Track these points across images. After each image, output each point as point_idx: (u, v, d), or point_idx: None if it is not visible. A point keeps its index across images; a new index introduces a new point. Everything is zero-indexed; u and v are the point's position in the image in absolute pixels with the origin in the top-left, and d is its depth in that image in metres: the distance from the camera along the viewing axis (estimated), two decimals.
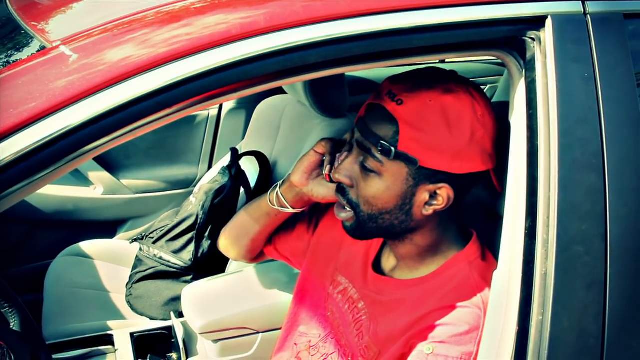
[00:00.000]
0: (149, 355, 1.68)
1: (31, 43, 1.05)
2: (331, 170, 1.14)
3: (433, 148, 0.99)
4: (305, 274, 1.32)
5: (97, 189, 2.46)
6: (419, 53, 0.96)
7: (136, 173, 2.53)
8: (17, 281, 2.09)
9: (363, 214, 1.06)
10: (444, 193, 1.02)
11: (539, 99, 0.95)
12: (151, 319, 1.90)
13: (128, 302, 1.96)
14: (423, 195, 1.03)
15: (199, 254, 1.91)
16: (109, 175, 2.46)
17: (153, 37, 0.89)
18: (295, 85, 1.78)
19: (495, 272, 1.00)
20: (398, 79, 1.05)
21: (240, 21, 0.88)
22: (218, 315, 1.59)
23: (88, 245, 2.17)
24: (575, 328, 0.95)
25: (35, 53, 0.95)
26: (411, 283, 1.11)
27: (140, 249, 2.01)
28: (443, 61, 2.88)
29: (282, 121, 2.04)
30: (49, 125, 0.79)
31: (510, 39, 0.98)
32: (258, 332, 1.62)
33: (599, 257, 0.96)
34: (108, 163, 2.49)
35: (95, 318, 1.87)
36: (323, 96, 1.74)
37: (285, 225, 1.35)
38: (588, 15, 0.98)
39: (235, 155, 1.96)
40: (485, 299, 1.02)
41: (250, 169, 2.01)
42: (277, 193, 1.25)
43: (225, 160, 2.08)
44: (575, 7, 0.98)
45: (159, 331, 1.75)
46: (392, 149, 0.99)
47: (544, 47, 0.96)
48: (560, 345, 0.95)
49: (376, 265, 1.20)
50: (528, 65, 0.97)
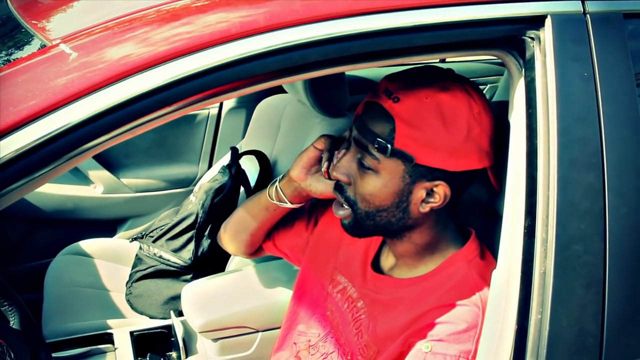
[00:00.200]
0: (149, 354, 1.68)
1: (31, 41, 1.05)
2: (329, 167, 1.14)
3: (429, 145, 0.99)
4: (304, 273, 1.33)
5: (97, 187, 2.46)
6: (418, 52, 0.96)
7: (136, 172, 2.53)
8: (17, 280, 2.08)
9: (360, 211, 1.07)
10: (441, 190, 1.02)
11: (538, 98, 0.95)
12: (151, 318, 1.90)
13: (128, 301, 1.96)
14: (420, 192, 1.03)
15: (199, 252, 1.91)
16: (109, 174, 2.46)
17: (153, 36, 0.89)
18: (295, 85, 1.78)
19: (494, 271, 1.00)
20: (395, 77, 1.05)
21: (240, 20, 0.88)
22: (218, 314, 1.59)
23: (88, 244, 2.18)
24: (574, 327, 0.96)
25: (35, 51, 0.95)
26: (410, 282, 1.11)
27: (140, 248, 2.01)
28: (443, 60, 2.88)
29: (282, 120, 2.04)
30: (48, 123, 0.79)
31: (509, 38, 0.98)
32: (258, 331, 1.62)
33: (598, 256, 0.96)
34: (108, 162, 2.49)
35: (95, 317, 1.87)
36: (323, 95, 1.74)
37: (284, 221, 1.36)
38: (587, 15, 0.98)
39: (236, 154, 1.97)
40: (484, 298, 1.02)
41: (250, 168, 2.01)
42: (276, 187, 1.25)
43: (226, 159, 2.08)
44: (574, 7, 0.98)
45: (159, 330, 1.75)
46: (389, 146, 0.99)
47: (543, 47, 0.96)
48: (559, 344, 0.95)
49: (375, 264, 1.20)
50: (527, 65, 0.97)
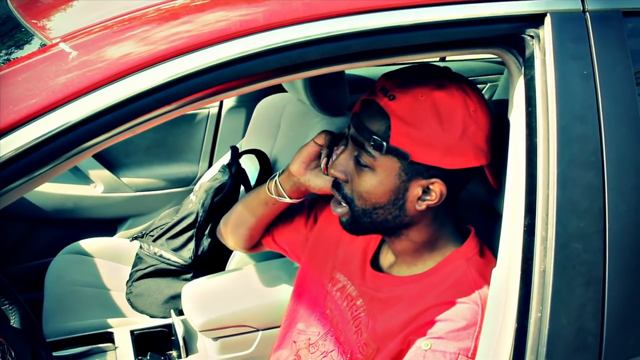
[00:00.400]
0: (149, 353, 1.68)
1: (31, 40, 1.05)
2: (328, 162, 1.14)
3: (424, 143, 0.99)
4: (304, 272, 1.33)
5: (98, 187, 2.46)
6: (418, 51, 0.96)
7: (136, 171, 2.53)
8: (18, 279, 2.09)
9: (357, 208, 1.07)
10: (437, 188, 1.02)
11: (537, 97, 0.95)
12: (151, 317, 1.90)
13: (128, 300, 1.96)
14: (416, 190, 1.03)
15: (199, 252, 1.91)
16: (110, 174, 2.46)
17: (153, 34, 0.89)
18: (295, 84, 1.78)
19: (494, 270, 1.00)
20: (392, 75, 1.05)
21: (239, 18, 0.88)
22: (218, 313, 1.59)
23: (88, 243, 2.18)
24: (573, 325, 0.96)
25: (35, 50, 0.95)
26: (409, 280, 1.11)
27: (141, 247, 2.01)
28: (443, 59, 2.88)
29: (282, 119, 2.04)
30: (48, 122, 0.79)
31: (509, 36, 0.98)
32: (258, 330, 1.62)
33: (598, 255, 0.96)
34: (108, 161, 2.49)
35: (96, 316, 1.87)
36: (323, 94, 1.74)
37: (283, 217, 1.36)
38: (587, 13, 0.98)
39: (236, 154, 1.97)
40: (483, 295, 1.02)
41: (250, 167, 2.01)
42: (276, 182, 1.26)
43: (226, 158, 2.08)
44: (574, 5, 0.98)
45: (159, 329, 1.75)
46: (384, 144, 1.00)
47: (542, 45, 0.96)
48: (558, 342, 0.95)
49: (374, 262, 1.20)
50: (527, 63, 0.97)
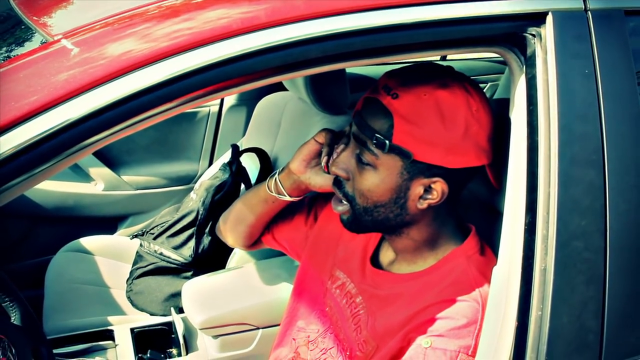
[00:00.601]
0: (149, 351, 1.68)
1: (33, 37, 1.05)
2: (329, 161, 1.14)
3: (427, 142, 0.99)
4: (304, 269, 1.33)
5: (98, 185, 2.46)
6: (419, 49, 0.96)
7: (137, 169, 2.53)
8: (18, 277, 2.08)
9: (359, 206, 1.07)
10: (439, 187, 1.02)
11: (539, 95, 0.95)
12: (151, 315, 1.90)
13: (128, 298, 1.96)
14: (418, 189, 1.03)
15: (200, 250, 1.91)
16: (110, 172, 2.46)
17: (154, 31, 0.89)
18: (296, 82, 1.78)
19: (494, 268, 1.00)
20: (394, 73, 1.05)
21: (241, 16, 0.88)
22: (218, 311, 1.59)
23: (89, 241, 2.18)
24: (574, 323, 0.96)
25: (36, 47, 0.95)
26: (409, 277, 1.11)
27: (141, 245, 2.02)
28: (444, 58, 2.88)
29: (283, 118, 2.04)
30: (50, 119, 0.79)
31: (510, 35, 0.98)
32: (258, 328, 1.62)
33: (599, 253, 0.96)
34: (109, 159, 2.49)
35: (96, 313, 1.87)
36: (324, 93, 1.74)
37: (283, 215, 1.36)
38: (589, 12, 0.98)
39: (236, 152, 1.97)
40: (484, 293, 1.02)
41: (251, 165, 2.01)
42: (276, 180, 1.26)
43: (226, 156, 2.09)
44: (575, 4, 0.98)
45: (159, 327, 1.75)
46: (387, 142, 1.00)
47: (544, 44, 0.96)
48: (559, 340, 0.95)
49: (374, 259, 1.20)
50: (528, 62, 0.97)
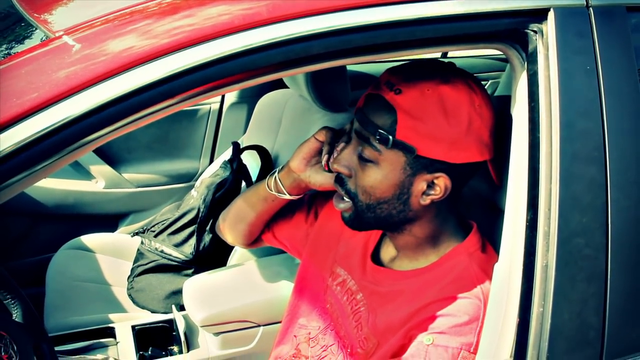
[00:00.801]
0: (150, 348, 1.68)
1: (34, 34, 1.05)
2: (329, 159, 1.14)
3: (430, 137, 0.99)
4: (305, 266, 1.33)
5: (99, 182, 2.46)
6: (421, 45, 0.96)
7: (138, 167, 2.53)
8: (19, 274, 2.08)
9: (361, 203, 1.07)
10: (442, 183, 1.02)
11: (540, 92, 0.95)
12: (152, 312, 1.90)
13: (129, 295, 1.97)
14: (420, 184, 1.03)
15: (200, 247, 1.91)
16: (111, 169, 2.46)
17: (155, 28, 0.89)
18: (296, 79, 1.78)
19: (496, 265, 1.00)
20: (397, 70, 1.05)
21: (242, 12, 0.88)
22: (219, 309, 1.59)
23: (90, 239, 2.18)
24: (575, 320, 0.96)
25: (38, 43, 0.95)
26: (410, 274, 1.11)
27: (142, 243, 2.02)
28: (445, 55, 2.87)
29: (284, 115, 2.04)
30: (51, 115, 0.79)
31: (512, 31, 0.97)
32: (259, 325, 1.62)
33: (600, 250, 0.96)
34: (110, 157, 2.49)
35: (97, 311, 1.88)
36: (325, 90, 1.74)
37: (284, 213, 1.36)
38: (590, 8, 0.98)
39: (237, 149, 1.97)
40: (485, 290, 1.02)
41: (251, 163, 2.01)
42: (275, 178, 1.25)
43: (227, 154, 2.09)
44: (577, 0, 0.98)
45: (160, 324, 1.75)
46: (390, 138, 0.99)
47: (546, 40, 0.96)
48: (560, 337, 0.95)
49: (375, 256, 1.20)
50: (530, 58, 0.97)
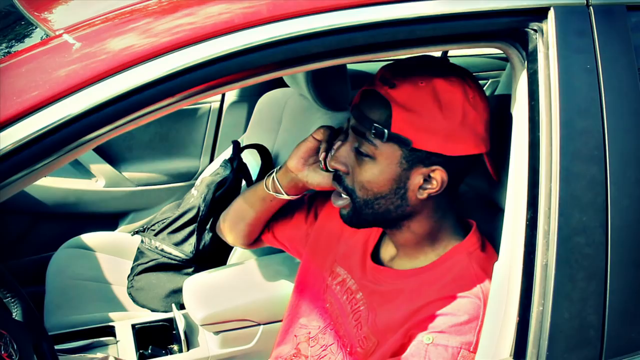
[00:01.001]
0: (151, 347, 1.69)
1: (34, 32, 1.05)
2: (326, 157, 1.15)
3: (425, 129, 1.00)
4: (305, 266, 1.33)
5: (99, 181, 2.46)
6: (421, 44, 0.96)
7: (138, 166, 2.53)
8: (19, 273, 2.09)
9: (359, 199, 1.07)
10: (438, 176, 1.03)
11: (540, 91, 0.95)
12: (152, 311, 1.90)
13: (129, 294, 1.97)
14: (417, 178, 1.03)
15: (201, 246, 1.91)
16: (111, 168, 2.46)
17: (155, 27, 0.89)
18: (297, 78, 1.78)
19: (496, 263, 1.00)
20: (391, 65, 1.06)
21: (243, 10, 0.88)
22: (219, 307, 1.59)
23: (90, 238, 2.18)
24: (575, 319, 0.96)
25: (38, 42, 0.95)
26: (410, 273, 1.11)
27: (142, 241, 2.02)
28: (445, 54, 2.87)
29: (284, 114, 2.04)
30: (51, 114, 0.79)
31: (512, 30, 0.97)
32: (259, 324, 1.62)
33: (600, 249, 0.96)
34: (110, 156, 2.49)
35: (97, 310, 1.88)
36: (325, 89, 1.73)
37: (283, 213, 1.36)
38: (591, 7, 0.98)
39: (237, 148, 1.97)
40: (485, 290, 1.02)
41: (252, 161, 2.01)
42: (273, 178, 1.26)
43: (227, 153, 2.09)
44: None
45: (160, 323, 1.75)
46: (385, 131, 1.00)
47: (546, 39, 0.96)
48: (560, 336, 0.95)
49: (375, 255, 1.20)
50: (530, 57, 0.97)
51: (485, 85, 3.10)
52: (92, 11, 0.97)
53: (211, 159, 2.60)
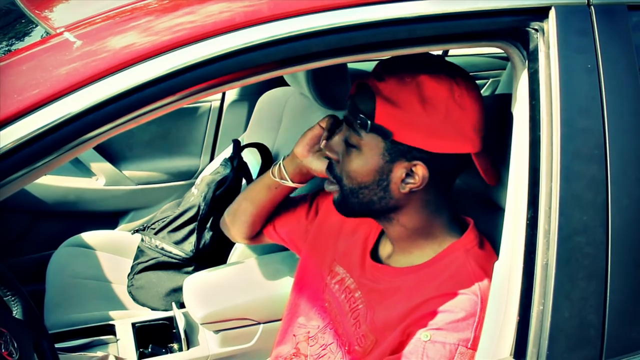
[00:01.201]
0: (151, 346, 1.68)
1: (35, 30, 1.05)
2: (326, 145, 1.16)
3: (407, 123, 1.01)
4: (304, 264, 1.33)
5: (99, 180, 2.46)
6: (421, 43, 0.96)
7: (138, 164, 2.53)
8: (20, 271, 2.08)
9: (346, 188, 1.10)
10: (419, 171, 1.03)
11: (541, 90, 0.95)
12: (153, 310, 1.90)
13: (130, 293, 1.97)
14: (399, 171, 1.04)
15: (201, 245, 1.91)
16: (111, 167, 2.46)
17: (156, 25, 0.89)
18: (297, 77, 1.78)
19: (496, 263, 1.00)
20: (387, 60, 1.08)
21: (243, 9, 0.88)
22: (219, 306, 1.59)
23: (90, 236, 2.18)
24: (575, 318, 0.96)
25: (39, 40, 0.95)
26: (407, 271, 1.11)
27: (142, 240, 2.02)
28: (446, 53, 2.87)
29: (285, 113, 2.04)
30: (52, 112, 0.79)
31: (513, 29, 0.97)
32: (259, 323, 1.62)
33: (600, 248, 0.96)
34: (110, 154, 2.49)
35: (97, 308, 1.87)
36: (325, 88, 1.73)
37: (286, 207, 1.38)
38: (592, 7, 0.98)
39: (238, 147, 1.97)
40: (483, 286, 1.02)
41: (252, 160, 2.01)
42: (280, 165, 1.29)
43: (228, 152, 2.09)
44: None
45: (161, 322, 1.75)
46: (369, 122, 1.02)
47: (547, 38, 0.96)
48: (560, 335, 0.95)
49: (374, 253, 1.21)
50: (531, 56, 0.97)
51: (485, 85, 3.10)
52: (93, 9, 0.97)
53: (211, 158, 2.60)
